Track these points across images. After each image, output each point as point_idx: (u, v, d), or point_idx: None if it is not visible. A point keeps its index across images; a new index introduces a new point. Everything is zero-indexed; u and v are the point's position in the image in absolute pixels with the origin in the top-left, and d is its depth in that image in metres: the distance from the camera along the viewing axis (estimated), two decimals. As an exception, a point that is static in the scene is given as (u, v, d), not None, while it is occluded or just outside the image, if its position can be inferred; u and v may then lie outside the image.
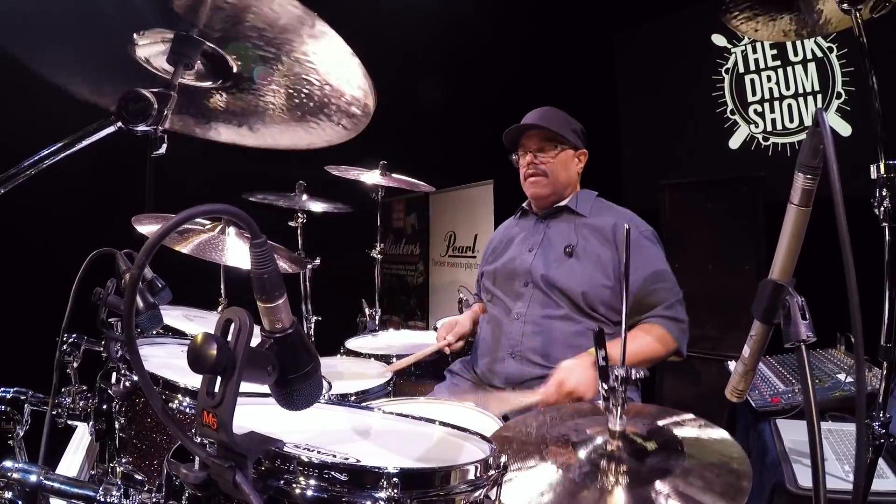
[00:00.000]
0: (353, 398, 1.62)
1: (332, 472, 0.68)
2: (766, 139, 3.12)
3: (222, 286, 2.62)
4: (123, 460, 1.17)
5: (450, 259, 4.87)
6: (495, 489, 0.79)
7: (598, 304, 1.76)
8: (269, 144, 1.15)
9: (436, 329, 2.54)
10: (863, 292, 0.77)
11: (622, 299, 1.13)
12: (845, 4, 1.20)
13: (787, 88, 3.03)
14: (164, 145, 0.89)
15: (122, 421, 1.19)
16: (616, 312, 1.77)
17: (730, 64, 3.25)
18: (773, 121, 3.09)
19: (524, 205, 2.06)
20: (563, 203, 1.93)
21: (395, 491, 0.68)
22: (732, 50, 3.23)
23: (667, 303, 1.74)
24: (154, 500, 0.81)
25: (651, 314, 1.74)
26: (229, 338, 0.58)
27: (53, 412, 1.28)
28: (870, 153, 1.12)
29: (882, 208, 1.09)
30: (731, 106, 3.25)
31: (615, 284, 1.76)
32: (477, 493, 0.75)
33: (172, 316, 1.97)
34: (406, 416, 1.03)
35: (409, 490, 0.70)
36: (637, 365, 1.60)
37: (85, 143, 0.81)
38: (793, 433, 1.53)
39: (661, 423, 1.13)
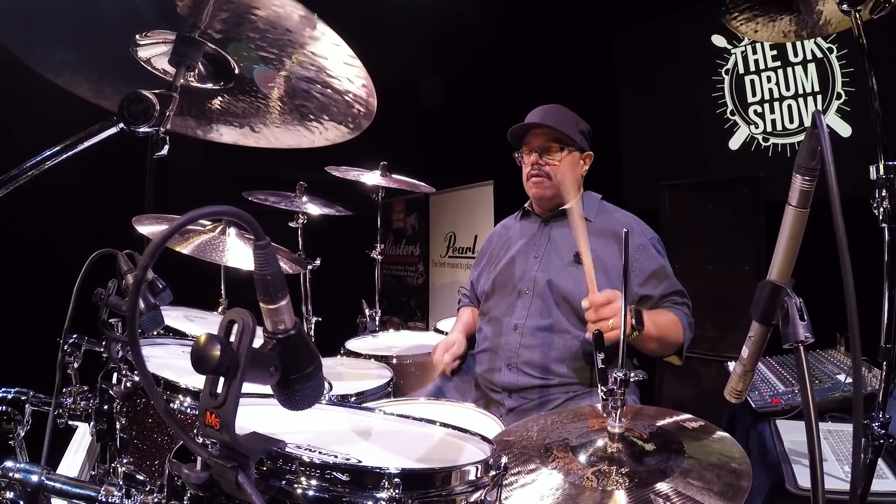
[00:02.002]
0: (353, 399, 1.62)
1: (334, 473, 0.68)
2: (766, 140, 3.13)
3: (223, 287, 2.63)
4: (124, 461, 1.17)
5: (450, 260, 4.87)
6: (496, 490, 0.79)
7: None
8: (270, 144, 1.15)
9: (436, 330, 2.56)
10: (862, 293, 0.77)
11: (623, 301, 1.12)
12: (845, 5, 1.20)
13: (787, 89, 3.04)
14: (166, 146, 0.89)
15: (123, 421, 1.19)
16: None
17: (730, 64, 3.26)
18: (773, 121, 3.09)
19: (526, 206, 2.02)
20: (567, 206, 1.88)
21: (397, 491, 0.68)
22: (732, 51, 3.24)
23: (676, 298, 1.75)
24: (156, 500, 0.81)
25: (662, 304, 1.74)
26: (232, 339, 0.59)
27: (55, 412, 1.28)
28: (870, 154, 1.12)
29: (881, 209, 1.09)
30: (731, 106, 3.26)
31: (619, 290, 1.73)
32: (477, 494, 0.76)
33: (173, 317, 1.98)
34: (406, 416, 1.03)
35: (411, 490, 0.70)
36: (659, 339, 1.63)
37: (87, 143, 0.82)
38: (793, 434, 1.53)
39: (660, 423, 1.13)
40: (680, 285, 1.78)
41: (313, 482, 0.67)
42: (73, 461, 1.56)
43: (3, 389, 1.30)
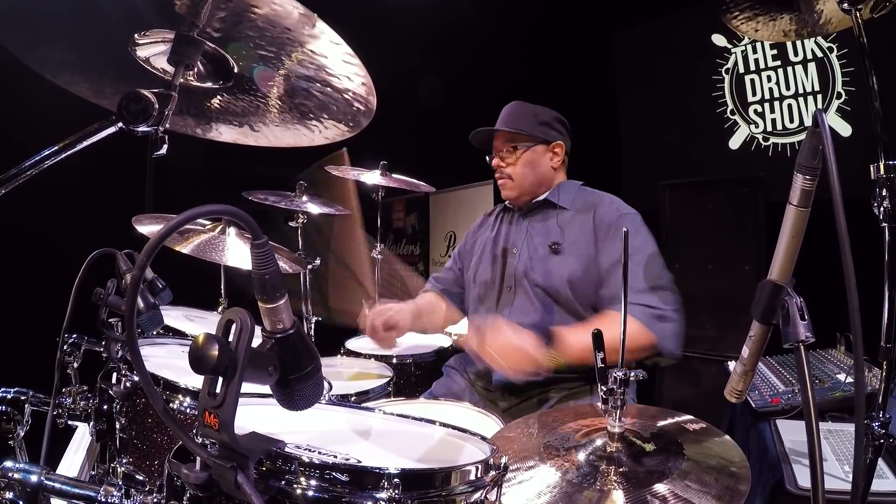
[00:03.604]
0: (353, 398, 1.62)
1: (333, 473, 0.68)
2: (766, 139, 3.13)
3: (222, 286, 2.62)
4: (124, 461, 1.17)
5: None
6: (495, 490, 0.79)
7: (581, 298, 1.69)
8: (270, 143, 1.15)
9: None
10: (863, 292, 0.77)
11: (622, 292, 1.09)
12: (845, 4, 1.20)
13: (788, 88, 3.03)
14: (165, 146, 0.89)
15: (123, 421, 1.19)
16: (592, 303, 1.69)
17: (730, 64, 3.25)
18: (774, 121, 3.09)
19: (506, 202, 2.01)
20: (541, 198, 1.87)
21: (396, 491, 0.68)
22: (732, 50, 3.23)
23: (642, 290, 1.58)
24: (155, 500, 0.81)
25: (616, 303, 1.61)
26: (231, 338, 0.58)
27: (54, 412, 1.28)
28: (870, 153, 1.12)
29: (882, 208, 1.09)
30: (731, 106, 3.26)
31: (595, 276, 1.67)
32: (477, 494, 0.76)
33: (173, 316, 1.97)
34: (406, 416, 1.03)
35: (410, 491, 0.70)
36: (588, 359, 1.56)
37: (86, 143, 0.82)
38: (793, 433, 1.53)
39: (660, 424, 1.13)
40: (647, 266, 1.62)
41: (313, 482, 0.67)
42: (72, 461, 1.56)
43: (2, 389, 1.30)
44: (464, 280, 2.06)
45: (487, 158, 1.94)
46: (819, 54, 2.89)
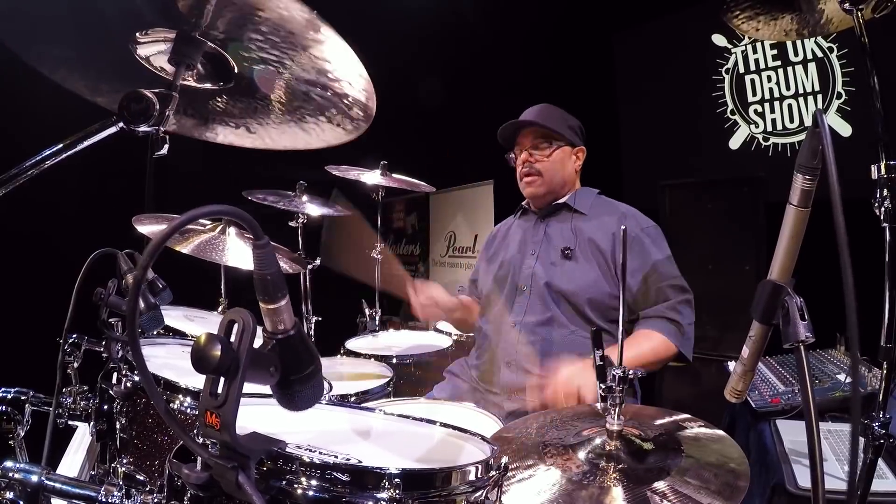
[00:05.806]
0: (353, 399, 1.62)
1: (334, 473, 0.68)
2: (766, 139, 3.13)
3: (223, 286, 2.62)
4: (124, 461, 1.17)
5: (450, 259, 4.87)
6: (496, 490, 0.79)
7: (599, 306, 1.72)
8: (266, 146, 1.15)
9: (437, 330, 2.55)
10: (863, 293, 0.77)
11: (620, 301, 1.12)
12: (847, 4, 1.20)
13: (788, 88, 3.03)
14: (166, 146, 0.89)
15: (123, 421, 1.19)
16: (614, 315, 1.73)
17: (730, 64, 3.25)
18: (774, 121, 3.09)
19: (523, 203, 2.03)
20: (561, 201, 1.89)
21: (397, 491, 0.68)
22: (733, 50, 3.23)
23: (668, 303, 1.70)
24: (156, 500, 0.81)
25: (650, 315, 1.70)
26: (232, 339, 0.58)
27: (55, 412, 1.28)
28: (870, 153, 1.12)
29: (882, 209, 1.09)
30: (731, 106, 3.26)
31: (614, 286, 1.73)
32: (478, 494, 0.76)
33: (173, 316, 1.97)
34: (406, 416, 1.03)
35: (411, 490, 0.70)
36: (641, 368, 1.58)
37: (86, 143, 0.82)
38: (793, 434, 1.53)
39: (659, 423, 1.13)
40: (673, 279, 1.72)
41: (313, 482, 0.67)
42: (72, 461, 1.56)
43: (3, 389, 1.30)
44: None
45: (509, 155, 1.95)
46: (819, 54, 2.90)
